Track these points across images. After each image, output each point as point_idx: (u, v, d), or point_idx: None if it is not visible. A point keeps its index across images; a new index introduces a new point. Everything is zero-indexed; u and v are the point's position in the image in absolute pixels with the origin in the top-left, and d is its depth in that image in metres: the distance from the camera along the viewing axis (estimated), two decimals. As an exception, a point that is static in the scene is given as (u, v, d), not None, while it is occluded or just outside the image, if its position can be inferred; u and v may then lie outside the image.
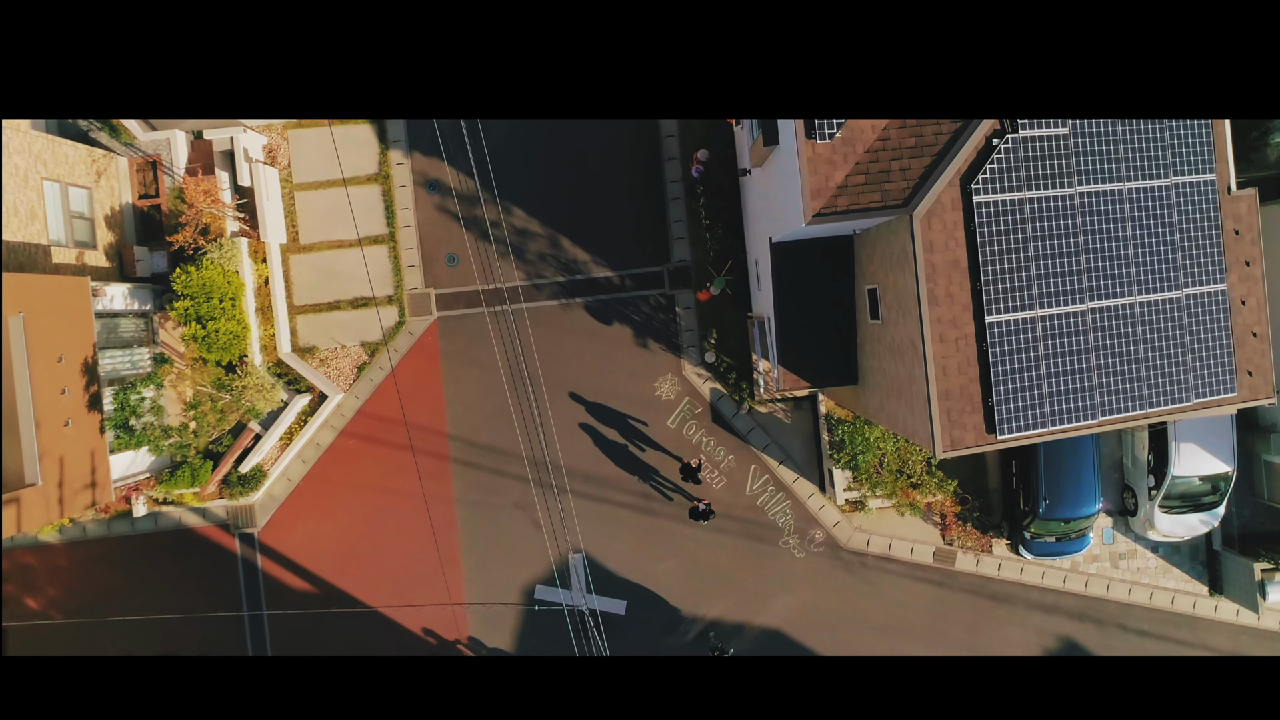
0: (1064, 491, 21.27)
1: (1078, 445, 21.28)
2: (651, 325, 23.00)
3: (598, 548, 22.97)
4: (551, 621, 22.81)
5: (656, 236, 22.98)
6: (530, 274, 23.00)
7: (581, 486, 22.94)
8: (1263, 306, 15.41)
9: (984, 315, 13.71)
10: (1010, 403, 13.85)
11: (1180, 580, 23.36)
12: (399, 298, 22.93)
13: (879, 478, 20.25)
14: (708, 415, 23.04)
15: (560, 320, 23.02)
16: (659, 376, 22.99)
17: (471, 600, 22.91)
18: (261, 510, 22.81)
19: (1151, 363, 14.56)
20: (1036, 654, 23.27)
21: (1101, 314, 14.25)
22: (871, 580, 23.20)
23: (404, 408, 22.79)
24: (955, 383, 13.69)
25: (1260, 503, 23.00)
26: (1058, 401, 14.07)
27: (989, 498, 23.09)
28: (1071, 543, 22.11)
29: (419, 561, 22.83)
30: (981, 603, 23.34)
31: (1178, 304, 14.66)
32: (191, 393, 20.90)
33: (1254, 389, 15.26)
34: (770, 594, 23.08)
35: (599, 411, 22.95)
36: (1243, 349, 15.22)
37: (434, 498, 22.89)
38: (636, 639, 22.93)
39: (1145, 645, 23.34)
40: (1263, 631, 23.43)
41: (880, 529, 23.15)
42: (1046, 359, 14.02)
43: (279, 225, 22.40)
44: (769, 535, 23.08)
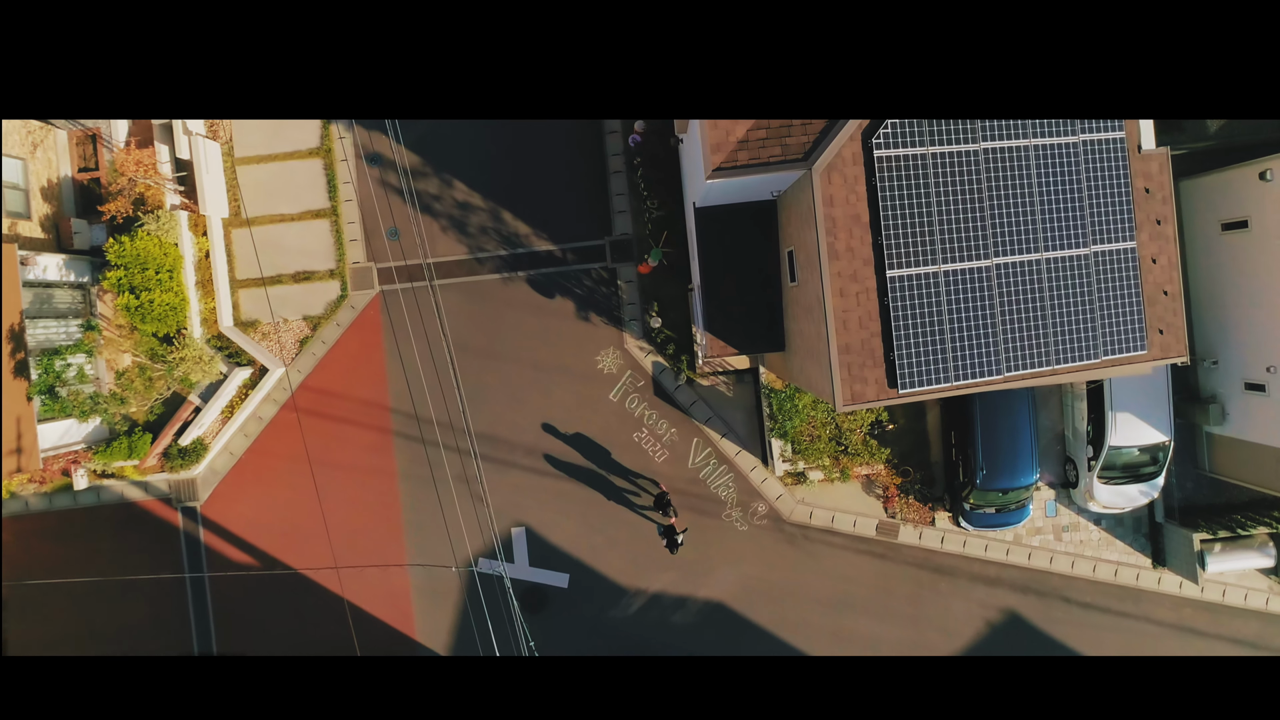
0: (1001, 462, 21.27)
1: (1014, 415, 21.29)
2: (593, 299, 23.02)
3: (540, 521, 22.99)
4: (492, 594, 22.83)
5: (598, 209, 23.00)
6: (472, 248, 23.02)
7: (524, 460, 22.96)
8: (1174, 265, 15.43)
9: (885, 270, 13.72)
10: (912, 357, 13.86)
11: (1123, 553, 23.36)
12: (341, 272, 22.95)
13: (811, 446, 20.24)
14: (650, 388, 23.05)
15: (503, 294, 23.04)
16: (601, 350, 23.01)
17: (415, 578, 22.92)
18: (204, 484, 22.83)
19: (1059, 319, 14.57)
20: (980, 626, 23.28)
21: (1007, 270, 14.26)
22: (815, 553, 23.21)
23: (346, 382, 22.82)
24: (856, 337, 13.71)
25: (1203, 475, 23.01)
26: (962, 357, 14.09)
27: (931, 470, 23.10)
28: (1011, 514, 22.12)
29: (362, 535, 22.85)
30: (925, 575, 23.34)
31: (1085, 261, 14.68)
32: (122, 361, 20.93)
33: (1165, 347, 15.27)
34: (713, 567, 23.09)
35: (542, 386, 22.96)
36: (1154, 307, 15.23)
37: (376, 471, 22.92)
38: (579, 612, 22.95)
39: (1088, 617, 23.35)
40: (1205, 604, 23.43)
41: (823, 502, 23.16)
42: (950, 314, 14.03)
43: (220, 199, 22.41)
44: (712, 508, 23.09)
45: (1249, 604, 23.41)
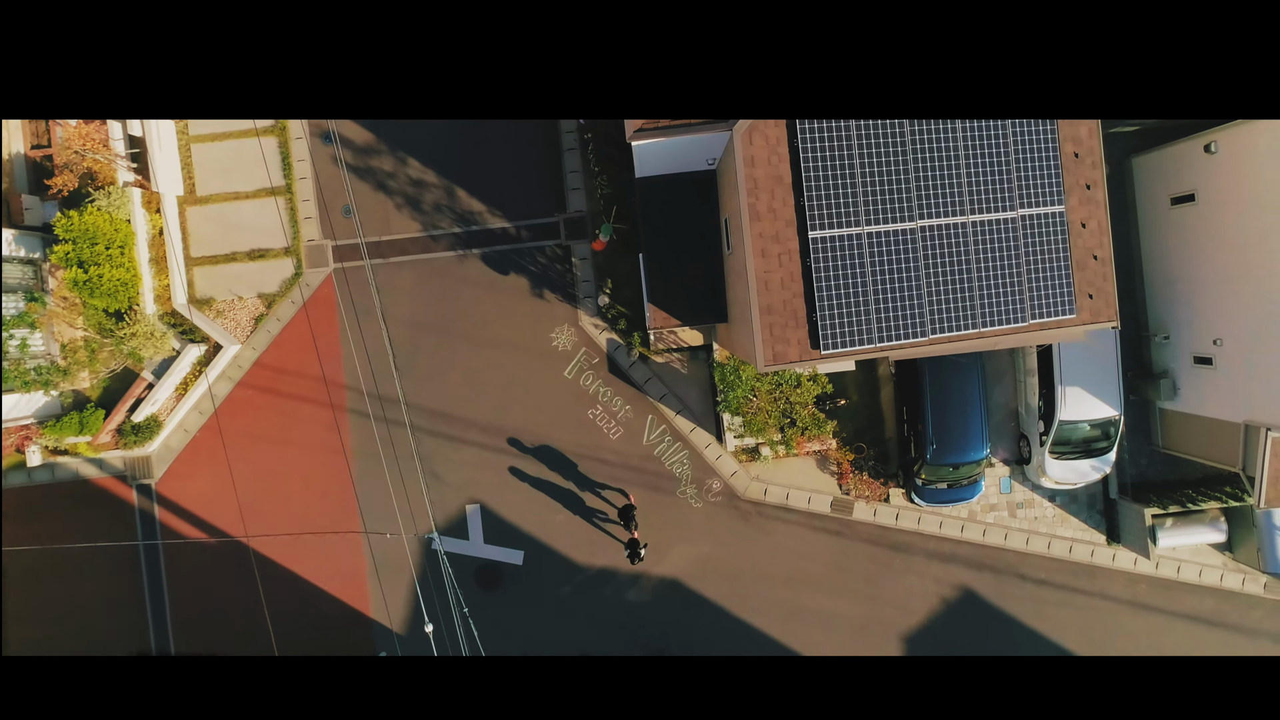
0: (951, 436, 21.30)
1: (965, 390, 21.33)
2: (548, 276, 23.05)
3: (495, 498, 23.01)
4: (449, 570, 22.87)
5: (552, 187, 23.03)
6: (427, 225, 23.05)
7: (479, 438, 22.99)
8: (1105, 230, 15.47)
9: (807, 231, 13.75)
10: (835, 319, 13.90)
11: (1078, 529, 23.39)
12: (296, 249, 22.99)
13: (755, 418, 20.26)
14: (604, 366, 23.08)
15: (457, 272, 23.07)
16: (556, 327, 23.04)
17: (369, 554, 22.94)
18: (159, 461, 22.86)
19: (986, 282, 14.61)
20: (935, 603, 23.31)
21: (932, 232, 14.30)
22: (769, 530, 23.24)
23: (301, 359, 22.85)
24: (778, 298, 13.75)
25: (1157, 451, 23.03)
26: (886, 319, 14.13)
27: (885, 447, 23.13)
28: (963, 490, 22.15)
29: (316, 512, 22.88)
30: (880, 552, 23.38)
31: (1013, 224, 14.71)
32: (67, 335, 20.97)
33: (1095, 311, 15.31)
34: (668, 544, 23.12)
35: (497, 364, 22.98)
36: (1083, 271, 15.27)
37: (331, 449, 22.94)
38: (533, 589, 22.97)
39: (1043, 594, 23.38)
40: (1160, 580, 23.46)
41: (777, 479, 23.18)
42: (874, 276, 14.07)
43: (174, 176, 22.45)
44: (666, 485, 23.12)
45: (1203, 580, 23.45)
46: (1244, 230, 18.63)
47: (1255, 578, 23.37)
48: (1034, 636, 23.41)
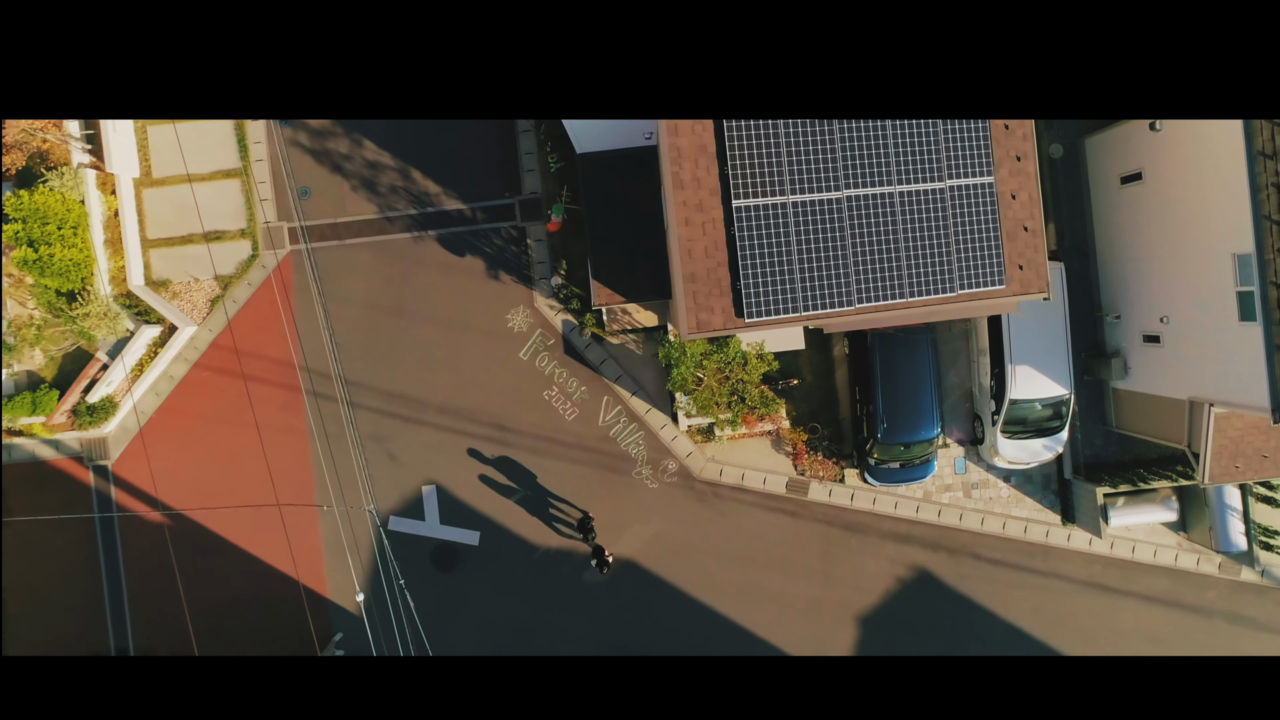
0: (902, 415, 21.37)
1: (915, 369, 21.39)
2: (503, 257, 23.12)
3: (451, 479, 23.08)
4: (404, 554, 22.95)
5: (507, 168, 23.10)
6: (383, 207, 23.12)
7: (436, 419, 23.06)
8: (1035, 201, 15.53)
9: (731, 199, 13.82)
10: (760, 287, 13.97)
11: (1033, 510, 23.46)
12: (252, 231, 23.05)
13: (700, 394, 20.31)
14: (560, 347, 23.15)
15: (413, 253, 23.13)
16: (511, 308, 23.11)
17: (325, 535, 22.99)
18: (115, 443, 22.93)
19: (913, 252, 14.68)
20: (890, 583, 23.38)
21: (858, 202, 14.36)
22: (725, 511, 23.31)
23: (257, 341, 22.92)
24: (702, 266, 13.82)
25: (1111, 431, 23.10)
26: (812, 287, 14.19)
27: (840, 427, 23.20)
28: (916, 469, 22.21)
29: (273, 492, 22.92)
30: (835, 533, 23.44)
31: (941, 195, 14.77)
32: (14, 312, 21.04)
33: (1026, 283, 15.38)
34: (624, 524, 23.19)
35: (453, 345, 23.05)
36: (1013, 242, 15.33)
37: (288, 430, 23.01)
38: (490, 569, 23.05)
39: (998, 574, 23.45)
40: (1114, 560, 23.53)
41: (733, 459, 23.26)
42: (799, 245, 14.13)
43: (130, 158, 22.51)
44: (622, 466, 23.19)
45: (1158, 560, 23.51)
46: (1187, 206, 18.69)
47: (1209, 558, 23.44)
48: (989, 617, 23.48)
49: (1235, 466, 19.37)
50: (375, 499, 22.92)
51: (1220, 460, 19.27)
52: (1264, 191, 16.31)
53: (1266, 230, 16.36)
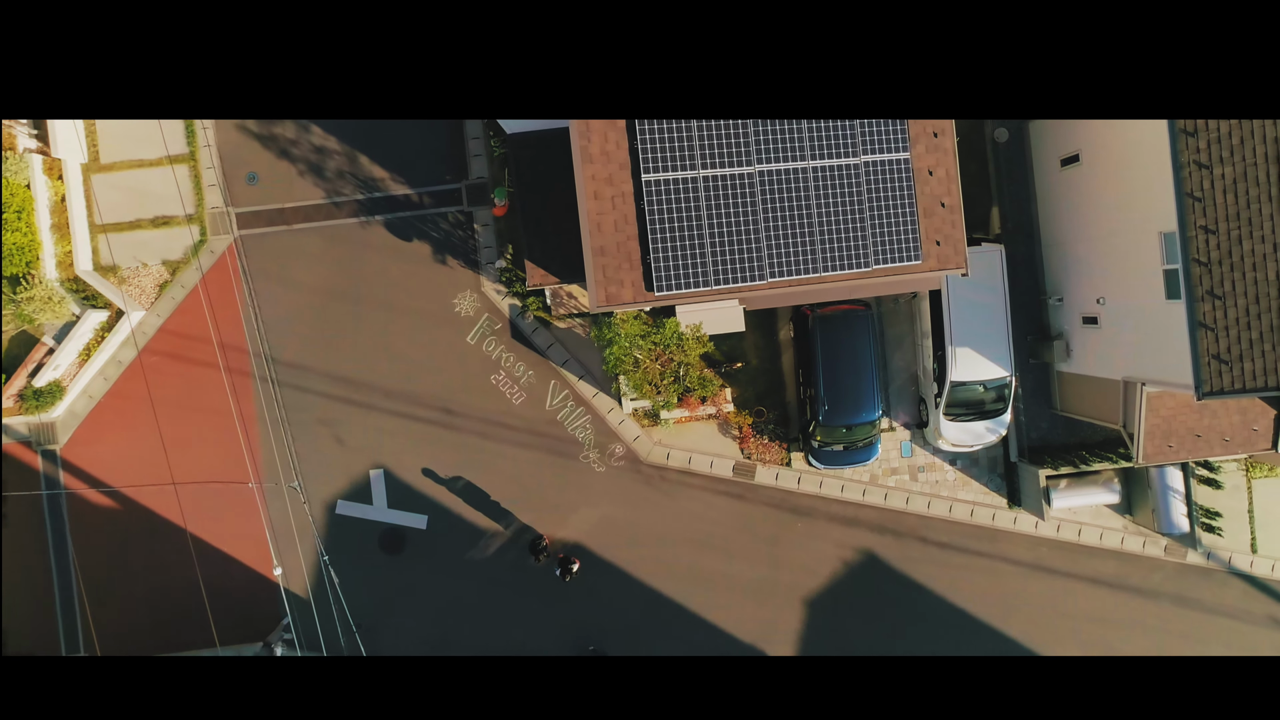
0: (843, 397, 21.43)
1: (856, 350, 21.45)
2: (450, 242, 23.19)
3: (399, 463, 23.16)
4: (352, 538, 23.05)
5: (454, 152, 23.16)
6: (330, 192, 23.19)
7: (383, 403, 23.13)
8: (953, 178, 15.60)
9: (641, 174, 13.88)
10: (670, 260, 14.04)
11: (979, 493, 23.53)
12: (200, 216, 23.13)
13: (633, 375, 20.35)
14: (507, 331, 23.23)
15: (361, 238, 23.21)
16: (459, 293, 23.18)
17: (272, 518, 23.06)
18: (63, 427, 23.00)
19: (828, 228, 14.74)
20: (837, 566, 23.45)
21: (771, 177, 14.42)
22: (673, 494, 23.38)
23: (205, 325, 23.00)
24: (612, 240, 13.89)
25: (1057, 414, 23.17)
26: (723, 261, 14.26)
27: (786, 410, 23.27)
28: (859, 452, 22.27)
29: (221, 475, 23.00)
30: (783, 516, 23.52)
31: (856, 170, 14.84)
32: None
33: (943, 259, 15.45)
34: (571, 508, 23.27)
35: (401, 329, 23.12)
36: (930, 219, 15.40)
37: (236, 414, 23.06)
38: (437, 553, 23.12)
39: (945, 557, 23.52)
40: (1061, 543, 23.60)
41: (680, 443, 23.33)
42: (710, 219, 14.20)
43: (77, 143, 22.58)
44: (569, 450, 23.26)
45: (1105, 543, 23.59)
46: (1119, 186, 18.77)
47: (1156, 541, 23.51)
48: (936, 600, 23.56)
49: (1169, 446, 19.45)
50: (322, 480, 23.01)
51: (1154, 440, 19.35)
52: (1186, 169, 16.38)
53: (1189, 207, 16.43)
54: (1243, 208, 16.23)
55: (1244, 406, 19.21)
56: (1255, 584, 23.74)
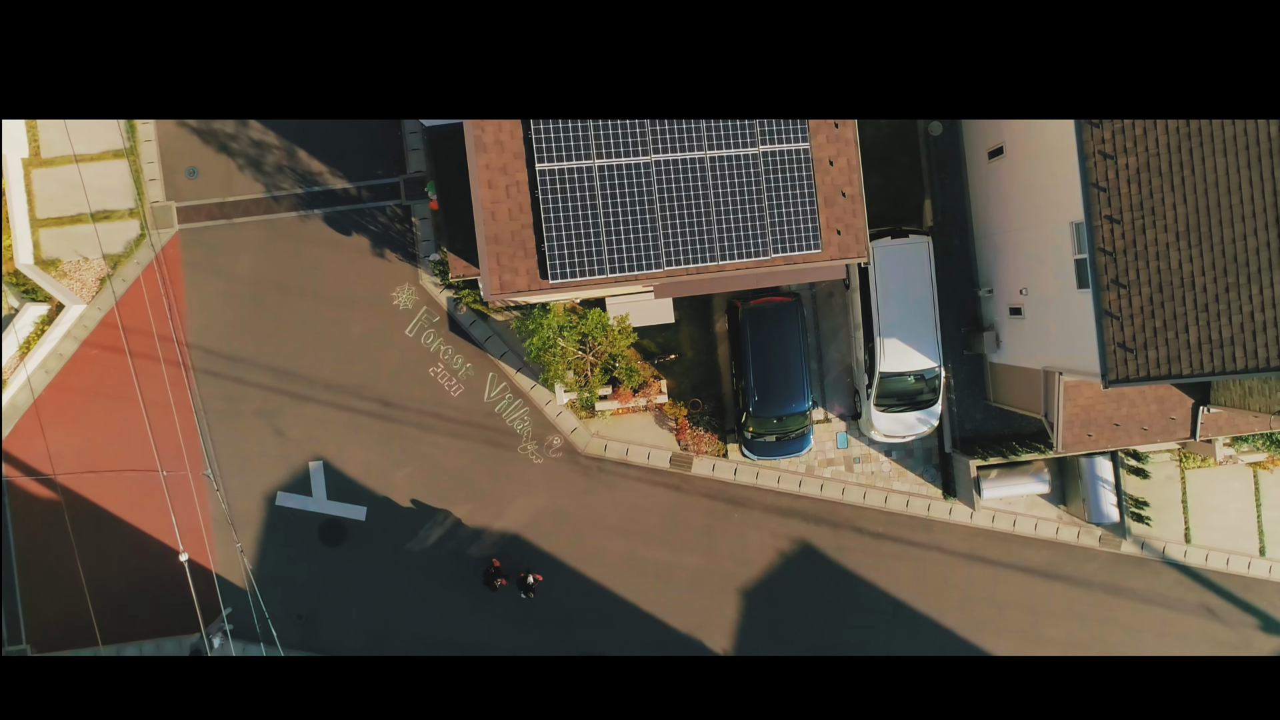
0: (773, 388, 21.63)
1: (786, 342, 21.65)
2: (389, 235, 23.38)
3: (338, 455, 23.35)
4: (292, 529, 23.25)
5: (392, 146, 23.34)
6: (269, 186, 23.38)
7: (323, 395, 23.32)
8: (854, 167, 15.78)
9: (535, 163, 14.07)
10: (565, 249, 14.23)
11: (914, 483, 23.71)
12: (141, 210, 23.32)
13: (555, 365, 20.51)
14: (445, 324, 23.41)
15: (300, 231, 23.39)
16: (397, 286, 23.36)
17: (213, 510, 23.25)
18: (5, 419, 23.18)
19: (726, 217, 14.93)
20: (773, 556, 23.62)
21: (668, 167, 14.61)
22: (610, 485, 23.57)
23: (147, 318, 23.20)
24: (506, 228, 14.08)
25: (991, 406, 23.34)
26: (619, 250, 14.45)
27: (722, 402, 23.46)
28: (792, 443, 22.45)
29: (164, 468, 23.19)
30: (719, 506, 23.70)
31: (754, 160, 15.02)
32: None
33: (844, 247, 15.64)
34: (509, 499, 23.46)
35: (340, 322, 23.30)
36: (831, 208, 15.58)
37: (177, 406, 23.26)
38: (377, 544, 23.31)
39: (881, 547, 23.70)
40: (996, 533, 23.78)
41: (617, 434, 23.52)
42: (606, 208, 14.38)
43: (17, 137, 22.77)
44: (507, 441, 23.46)
45: (1039, 533, 23.76)
46: (1038, 177, 18.95)
47: (1090, 531, 23.70)
48: (873, 590, 23.75)
49: (1088, 435, 19.64)
50: (263, 474, 23.20)
51: (1072, 429, 19.53)
52: (1091, 159, 16.57)
53: (1094, 197, 16.61)
54: (1146, 197, 16.41)
55: (1161, 395, 19.40)
56: (1188, 573, 23.91)
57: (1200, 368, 16.35)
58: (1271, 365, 16.08)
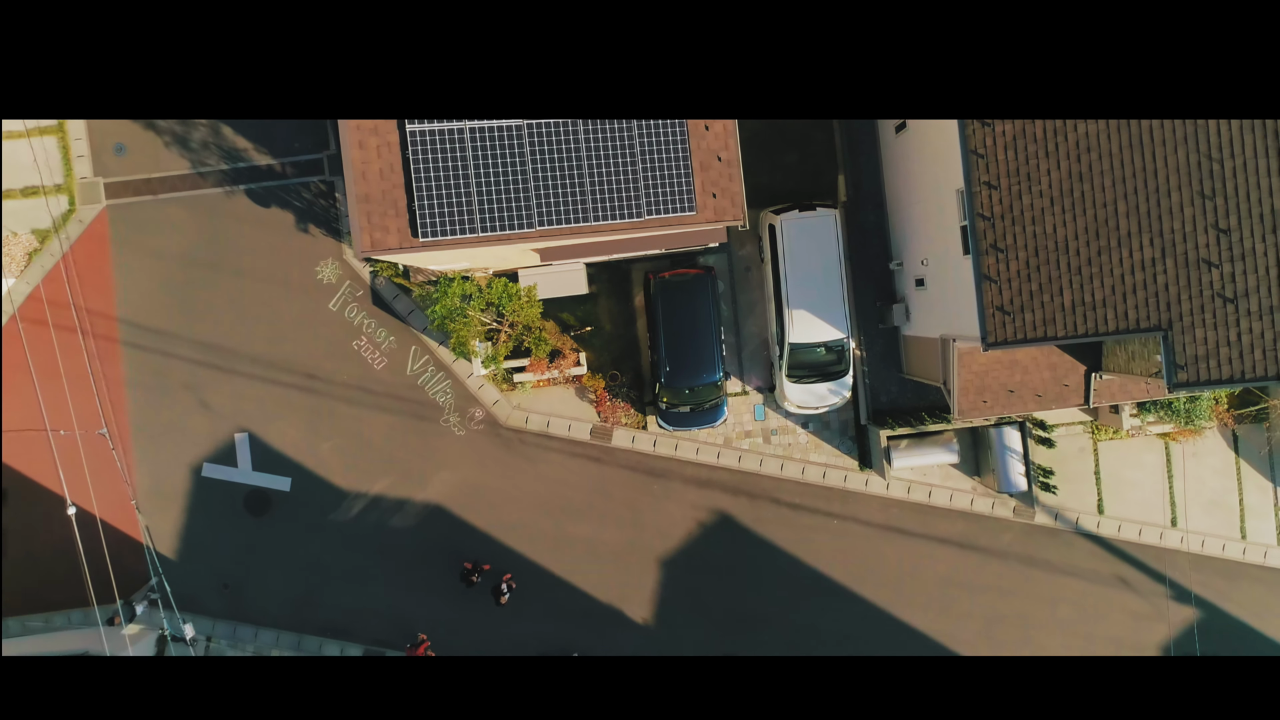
0: (683, 359, 22.00)
1: (696, 313, 22.01)
2: (313, 211, 23.75)
3: (263, 427, 23.71)
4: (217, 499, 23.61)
5: (317, 123, 23.72)
6: (196, 162, 23.75)
7: (248, 369, 23.68)
8: (731, 133, 16.13)
9: (406, 124, 14.43)
10: (435, 208, 14.59)
11: (831, 455, 24.07)
12: (69, 186, 23.70)
13: (459, 332, 20.83)
14: (369, 298, 23.79)
15: (226, 207, 23.75)
16: (321, 260, 23.74)
17: (142, 482, 23.60)
18: (-65, 392, 23.57)
19: (599, 179, 15.28)
20: (692, 527, 23.98)
21: (540, 129, 14.96)
22: (531, 457, 23.93)
23: (74, 292, 23.58)
24: (377, 188, 14.44)
25: (906, 379, 23.69)
26: (490, 210, 14.81)
27: (641, 374, 23.82)
28: (705, 414, 22.80)
29: (89, 442, 23.54)
30: (639, 478, 24.06)
31: (629, 124, 15.36)
32: None
33: (720, 211, 15.99)
34: (431, 471, 23.82)
35: (265, 297, 23.66)
36: (706, 172, 15.93)
37: (104, 380, 23.64)
38: (301, 515, 23.67)
39: (798, 518, 24.05)
40: (912, 504, 24.13)
41: (538, 407, 23.89)
42: (477, 169, 14.74)
43: (-54, 115, 23.13)
44: (430, 414, 23.82)
45: (954, 504, 24.12)
46: (932, 149, 19.31)
47: (1004, 502, 24.04)
48: (792, 560, 24.09)
49: (983, 401, 19.99)
50: (189, 445, 23.57)
51: (968, 395, 19.89)
52: (970, 126, 16.90)
53: (973, 164, 16.95)
54: (1022, 163, 16.76)
55: (1054, 363, 19.75)
56: (1102, 544, 24.26)
57: (1074, 330, 16.71)
58: (1141, 326, 16.44)
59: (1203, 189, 15.99)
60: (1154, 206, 16.25)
